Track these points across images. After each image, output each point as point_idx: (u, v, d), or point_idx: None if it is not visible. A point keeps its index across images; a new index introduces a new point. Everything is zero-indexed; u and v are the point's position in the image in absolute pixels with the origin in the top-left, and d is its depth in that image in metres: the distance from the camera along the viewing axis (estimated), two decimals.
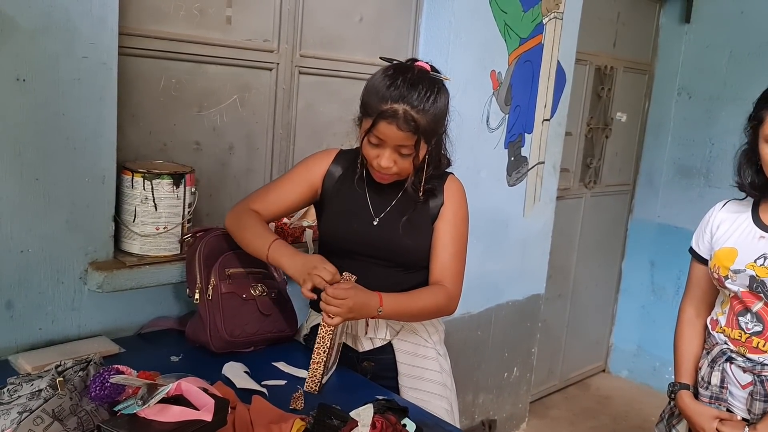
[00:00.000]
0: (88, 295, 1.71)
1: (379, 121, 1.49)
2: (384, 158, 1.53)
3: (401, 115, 1.47)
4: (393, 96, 1.48)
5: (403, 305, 1.57)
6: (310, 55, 2.20)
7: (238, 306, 1.72)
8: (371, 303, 1.50)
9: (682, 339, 1.83)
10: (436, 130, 1.55)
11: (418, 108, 1.48)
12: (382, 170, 1.56)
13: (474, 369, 3.00)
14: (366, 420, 1.30)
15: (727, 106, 3.64)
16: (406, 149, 1.52)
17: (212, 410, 1.16)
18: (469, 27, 2.51)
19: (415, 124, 1.48)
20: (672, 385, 1.79)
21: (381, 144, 1.53)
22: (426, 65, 1.56)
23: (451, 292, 1.64)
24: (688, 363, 1.79)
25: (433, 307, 1.63)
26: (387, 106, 1.48)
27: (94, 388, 1.20)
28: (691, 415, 1.71)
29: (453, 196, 1.67)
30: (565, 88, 3.05)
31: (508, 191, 2.90)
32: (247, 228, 1.64)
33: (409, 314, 1.62)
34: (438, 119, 1.54)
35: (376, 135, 1.52)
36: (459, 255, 1.67)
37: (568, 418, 3.62)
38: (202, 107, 1.97)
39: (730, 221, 1.72)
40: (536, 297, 3.24)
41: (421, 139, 1.51)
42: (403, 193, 1.65)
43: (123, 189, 1.73)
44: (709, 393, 1.70)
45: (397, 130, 1.48)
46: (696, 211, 2.45)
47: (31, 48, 1.50)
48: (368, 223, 1.65)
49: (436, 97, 1.51)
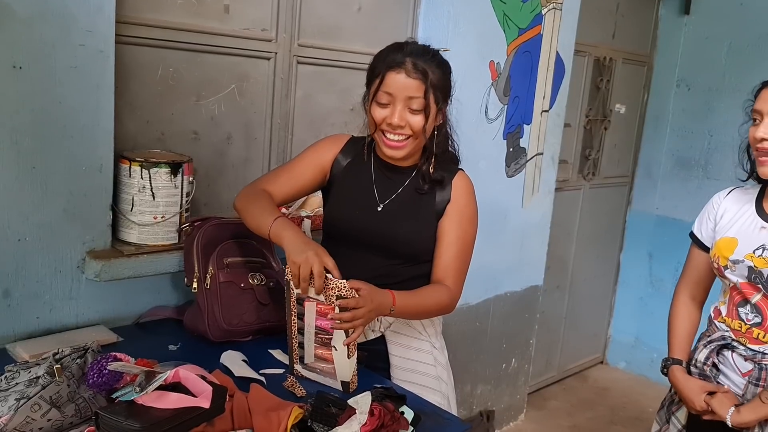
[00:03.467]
0: (85, 284, 1.70)
1: (387, 72, 1.52)
2: (395, 115, 1.52)
3: (409, 63, 1.51)
4: (399, 51, 1.53)
5: (411, 304, 1.56)
6: (309, 44, 2.19)
7: (236, 295, 1.72)
8: (386, 302, 1.49)
9: (675, 317, 1.84)
10: (445, 85, 1.57)
11: (424, 59, 1.52)
12: (394, 130, 1.54)
13: (472, 360, 3.01)
14: (364, 408, 1.30)
15: (726, 97, 3.63)
16: (416, 102, 1.52)
17: (210, 397, 1.17)
18: (468, 17, 2.50)
19: (423, 71, 1.51)
20: (665, 360, 1.80)
21: (390, 101, 1.53)
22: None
23: (453, 293, 1.64)
24: (681, 339, 1.80)
25: (435, 307, 1.63)
26: (394, 57, 1.52)
27: (91, 376, 1.20)
28: (682, 389, 1.72)
29: (461, 195, 1.66)
30: (564, 80, 3.05)
31: (507, 182, 2.89)
32: (254, 203, 1.60)
33: (415, 313, 1.61)
34: (445, 74, 1.57)
35: (384, 91, 1.52)
36: (463, 255, 1.66)
37: (566, 409, 3.63)
38: (200, 96, 1.96)
39: (734, 210, 1.72)
40: (534, 288, 3.24)
41: (429, 91, 1.51)
42: (409, 181, 1.65)
43: (120, 178, 1.72)
44: (697, 371, 1.71)
45: (406, 78, 1.50)
46: (694, 202, 2.46)
47: (27, 35, 1.50)
48: (372, 210, 1.64)
49: (440, 60, 1.56)
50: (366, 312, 1.41)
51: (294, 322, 1.51)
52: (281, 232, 1.49)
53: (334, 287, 1.41)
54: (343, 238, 1.65)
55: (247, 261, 1.77)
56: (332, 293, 1.42)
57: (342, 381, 1.50)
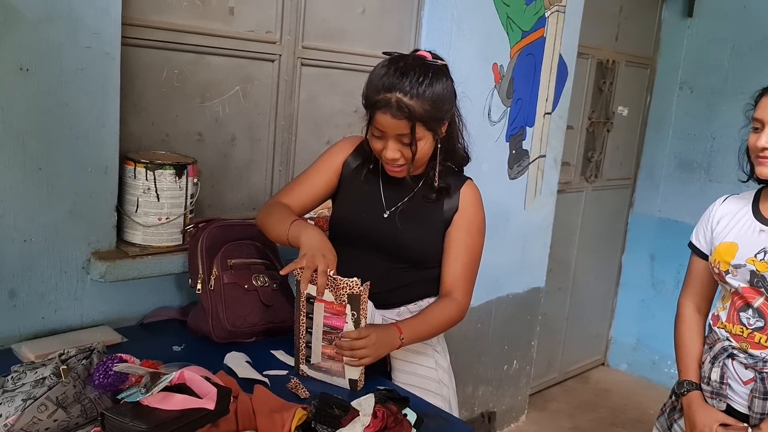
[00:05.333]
0: (90, 285, 1.71)
1: (375, 112, 1.50)
2: (389, 150, 1.53)
3: (394, 103, 1.47)
4: (385, 85, 1.48)
5: (420, 330, 1.58)
6: (313, 46, 2.20)
7: (239, 296, 1.72)
8: (391, 335, 1.51)
9: (684, 334, 1.81)
10: (436, 115, 1.52)
11: (411, 93, 1.47)
12: (389, 162, 1.56)
13: (474, 361, 3.01)
14: (367, 409, 1.31)
15: (729, 100, 3.63)
16: (406, 138, 1.51)
17: (215, 399, 1.17)
18: (471, 20, 2.51)
19: (408, 110, 1.47)
20: (684, 384, 1.75)
21: (382, 135, 1.53)
22: (426, 53, 1.56)
23: (462, 304, 1.65)
24: (692, 359, 1.77)
25: (447, 323, 1.64)
26: (380, 96, 1.49)
27: (97, 377, 1.21)
28: (695, 417, 1.69)
29: (470, 205, 1.66)
30: (566, 82, 3.05)
31: (509, 184, 2.90)
32: (273, 215, 1.62)
33: (427, 335, 1.63)
34: (436, 104, 1.51)
35: (375, 127, 1.52)
36: (471, 265, 1.66)
37: (567, 410, 3.63)
38: (204, 98, 1.97)
39: (731, 216, 1.72)
40: (536, 290, 3.25)
41: (416, 125, 1.49)
42: (418, 190, 1.65)
43: (126, 179, 1.73)
44: (710, 389, 1.69)
45: (391, 119, 1.48)
46: (696, 205, 2.46)
47: (34, 38, 1.51)
48: (378, 215, 1.65)
49: (430, 81, 1.49)
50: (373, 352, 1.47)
51: (303, 322, 1.52)
52: (298, 233, 1.50)
53: (344, 286, 1.43)
54: (348, 240, 1.66)
55: (251, 262, 1.78)
56: (343, 292, 1.44)
57: (350, 379, 1.51)
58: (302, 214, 1.71)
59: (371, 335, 1.46)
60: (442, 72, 1.54)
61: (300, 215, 1.67)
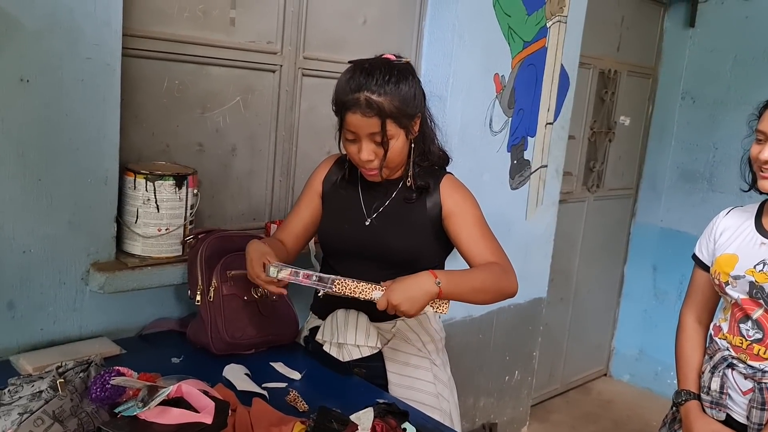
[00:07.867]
0: (89, 296, 1.71)
1: (345, 113, 1.51)
2: (363, 151, 1.53)
3: (363, 101, 1.48)
4: (352, 87, 1.50)
5: (459, 279, 1.47)
6: (314, 57, 2.20)
7: (239, 308, 1.72)
8: (422, 278, 1.42)
9: (684, 345, 1.82)
10: (405, 110, 1.52)
11: (378, 91, 1.48)
12: (365, 165, 1.56)
13: (475, 372, 3.00)
14: (366, 423, 1.30)
15: (731, 110, 3.63)
16: (378, 136, 1.51)
17: (212, 413, 1.17)
18: (473, 30, 2.51)
19: (377, 107, 1.48)
20: (681, 393, 1.77)
21: (355, 138, 1.53)
22: (390, 55, 1.58)
23: (505, 266, 1.56)
24: (692, 369, 1.78)
25: (493, 282, 1.52)
26: (348, 96, 1.50)
27: (94, 390, 1.20)
28: (692, 428, 1.70)
29: (452, 191, 1.64)
30: (568, 92, 3.05)
31: (511, 194, 2.89)
32: None
33: (470, 288, 1.49)
34: (405, 99, 1.52)
35: (347, 129, 1.53)
36: (488, 235, 1.61)
37: (569, 422, 3.61)
38: (205, 109, 1.97)
39: (733, 228, 1.72)
40: (538, 300, 3.23)
41: (386, 121, 1.50)
42: (396, 193, 1.65)
43: (125, 190, 1.73)
44: (710, 398, 1.69)
45: (362, 117, 1.49)
46: (699, 215, 2.46)
47: (34, 49, 1.51)
48: (360, 224, 1.65)
49: (396, 78, 1.51)
50: (401, 295, 1.40)
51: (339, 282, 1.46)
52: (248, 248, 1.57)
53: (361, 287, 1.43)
54: (337, 253, 1.68)
55: None
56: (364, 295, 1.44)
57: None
58: (297, 245, 1.75)
59: (392, 285, 1.41)
60: (407, 70, 1.56)
61: (296, 247, 1.73)
